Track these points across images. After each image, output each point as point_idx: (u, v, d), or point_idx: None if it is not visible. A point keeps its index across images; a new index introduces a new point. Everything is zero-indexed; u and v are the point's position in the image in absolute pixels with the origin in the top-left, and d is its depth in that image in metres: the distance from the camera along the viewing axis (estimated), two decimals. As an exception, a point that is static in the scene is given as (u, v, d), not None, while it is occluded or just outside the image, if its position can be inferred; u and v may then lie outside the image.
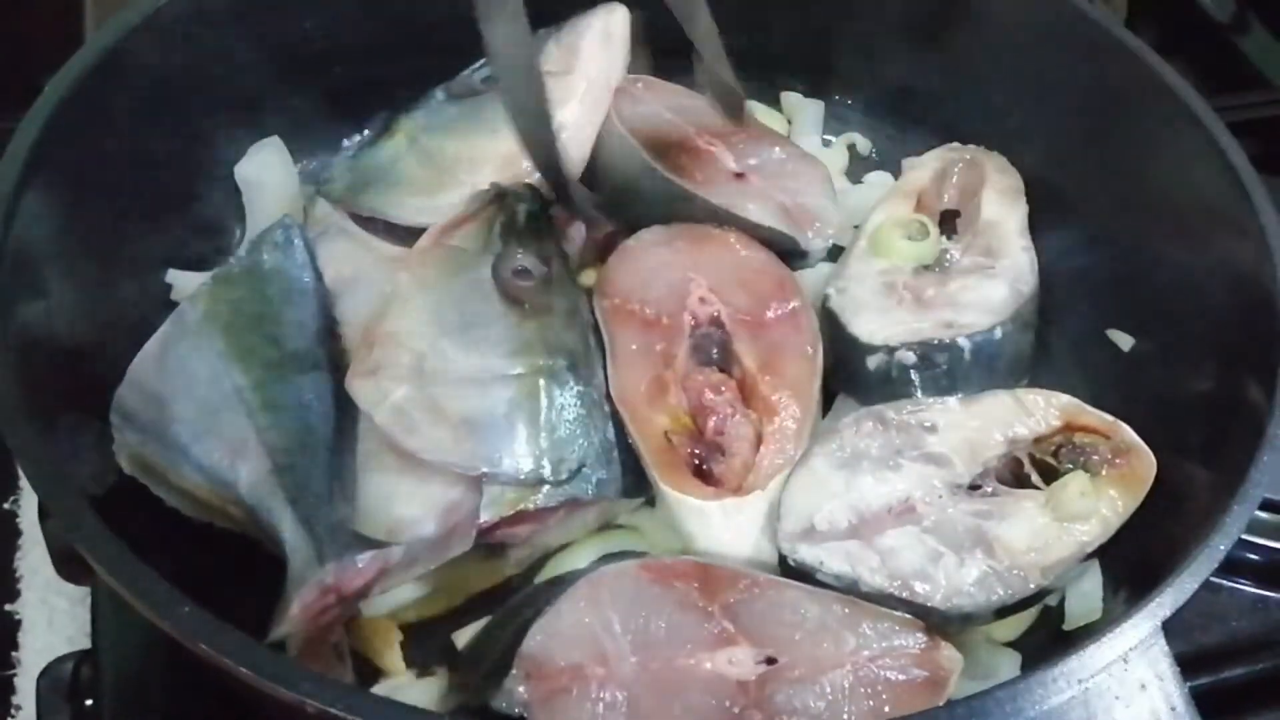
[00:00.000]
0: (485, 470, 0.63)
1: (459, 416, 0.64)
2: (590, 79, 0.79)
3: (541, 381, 0.66)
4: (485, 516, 0.62)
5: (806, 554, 0.61)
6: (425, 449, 0.63)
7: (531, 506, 0.63)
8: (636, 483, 0.68)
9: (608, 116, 0.80)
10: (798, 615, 0.59)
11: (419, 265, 0.70)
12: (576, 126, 0.79)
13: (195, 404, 0.65)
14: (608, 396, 0.68)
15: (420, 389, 0.64)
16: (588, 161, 0.80)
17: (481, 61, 0.83)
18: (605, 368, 0.69)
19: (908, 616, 0.60)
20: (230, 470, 0.62)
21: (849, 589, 0.60)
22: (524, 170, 0.76)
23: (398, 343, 0.66)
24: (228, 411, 0.64)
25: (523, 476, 0.63)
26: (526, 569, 0.69)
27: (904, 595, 0.60)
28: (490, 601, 0.67)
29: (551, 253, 0.72)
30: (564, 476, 0.64)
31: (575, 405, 0.66)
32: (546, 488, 0.64)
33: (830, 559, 0.61)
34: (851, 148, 0.95)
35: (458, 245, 0.71)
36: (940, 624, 0.60)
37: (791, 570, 0.63)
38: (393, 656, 0.64)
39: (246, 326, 0.68)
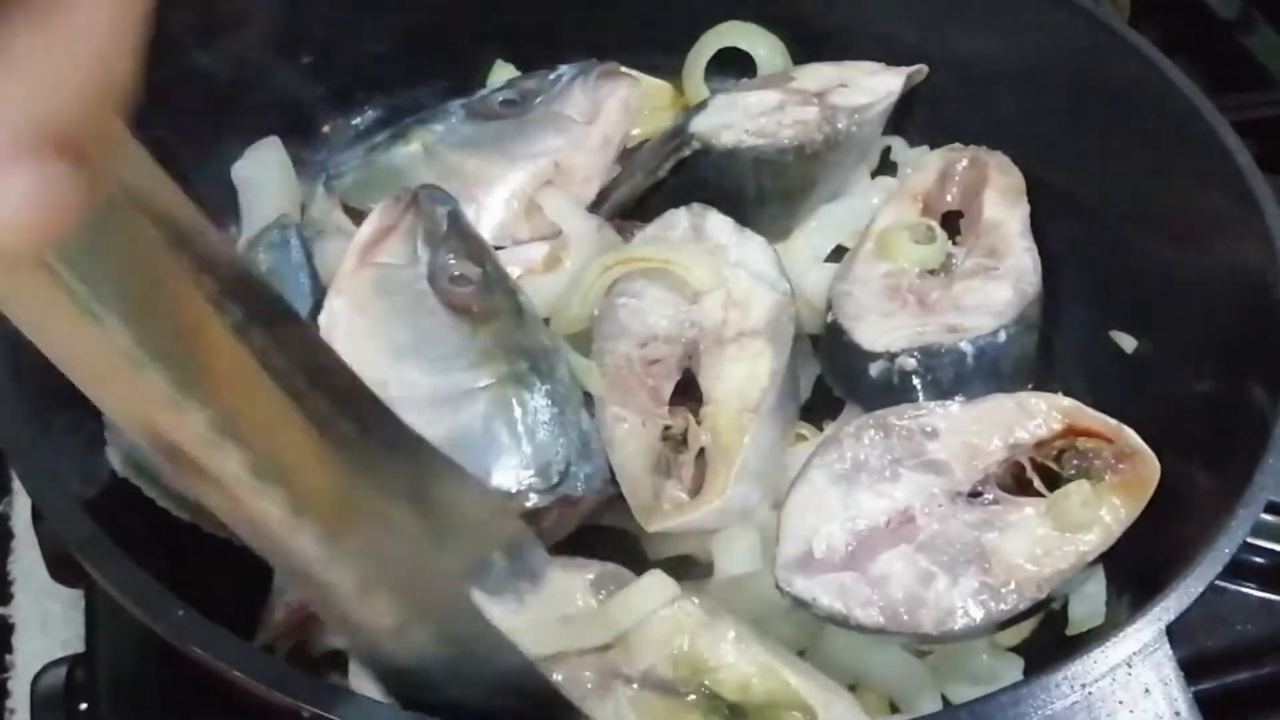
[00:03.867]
0: None
1: (437, 441, 0.62)
2: (605, 137, 0.83)
3: (510, 388, 0.65)
4: None
5: (801, 588, 0.60)
6: None
7: (523, 509, 0.62)
8: (645, 539, 0.67)
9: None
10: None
11: (351, 290, 0.67)
12: (583, 177, 0.82)
13: None
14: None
15: None
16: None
17: (503, 83, 0.86)
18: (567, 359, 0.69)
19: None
20: None
21: (840, 624, 0.60)
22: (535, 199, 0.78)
23: None
24: None
25: (517, 491, 0.62)
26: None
27: (894, 629, 0.59)
28: (488, 604, 0.66)
29: (483, 251, 0.70)
30: (555, 480, 0.63)
31: (547, 405, 0.65)
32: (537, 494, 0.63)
33: (823, 594, 0.60)
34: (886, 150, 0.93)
35: (385, 262, 0.69)
36: (935, 643, 0.60)
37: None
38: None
39: None
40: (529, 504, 0.62)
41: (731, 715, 0.55)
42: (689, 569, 0.67)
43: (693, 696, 0.55)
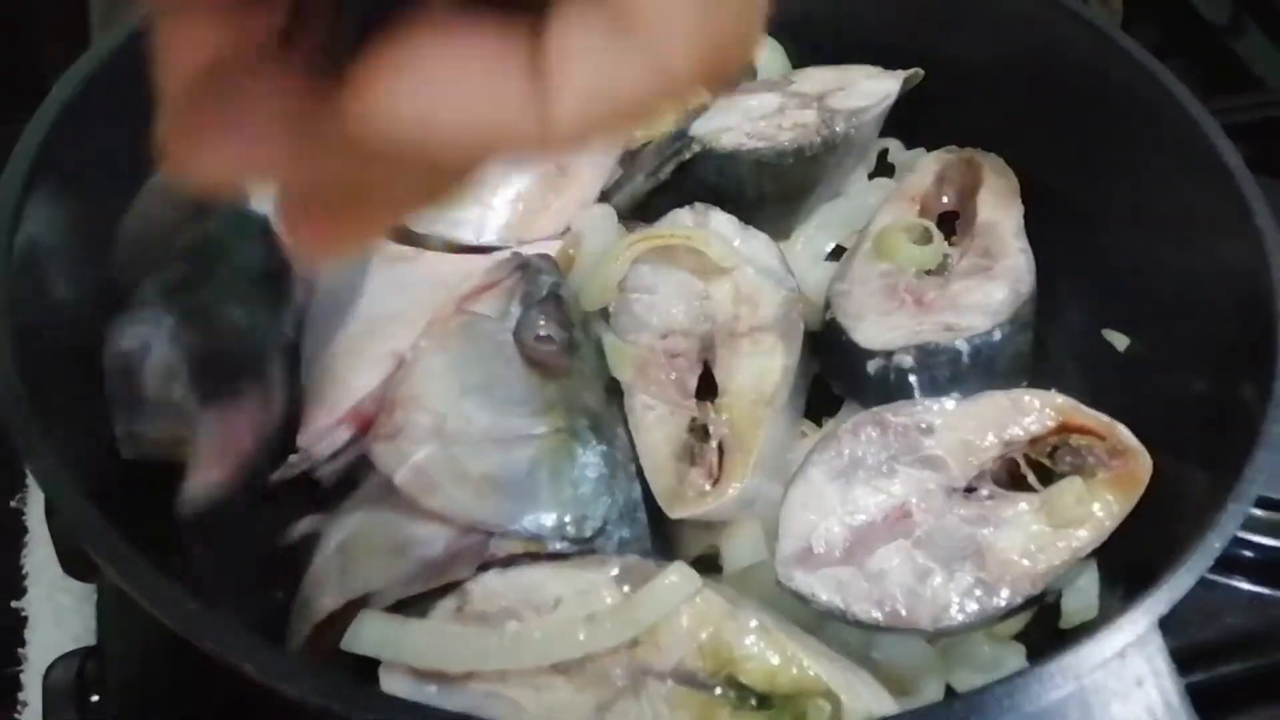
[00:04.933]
0: (508, 527, 0.62)
1: (480, 475, 0.63)
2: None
3: (564, 441, 0.65)
4: (495, 549, 0.62)
5: (800, 582, 0.61)
6: (446, 507, 0.62)
7: (545, 550, 0.62)
8: (665, 546, 0.67)
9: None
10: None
11: (440, 332, 0.70)
12: (588, 177, 0.82)
13: None
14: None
15: (442, 449, 0.64)
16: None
17: None
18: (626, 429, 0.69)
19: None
20: None
21: (839, 619, 0.61)
22: (537, 200, 0.80)
23: (418, 405, 0.66)
24: None
25: (545, 534, 0.62)
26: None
27: (890, 625, 0.60)
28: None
29: (574, 319, 0.72)
30: (587, 535, 0.63)
31: (598, 464, 0.65)
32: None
33: (822, 589, 0.60)
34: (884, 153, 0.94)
35: (478, 312, 0.71)
36: (932, 639, 0.61)
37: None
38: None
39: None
40: (551, 545, 0.62)
41: (759, 706, 0.56)
42: (700, 568, 0.67)
43: (720, 690, 0.56)
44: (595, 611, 0.57)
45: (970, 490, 0.64)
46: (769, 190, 0.82)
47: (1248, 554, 0.73)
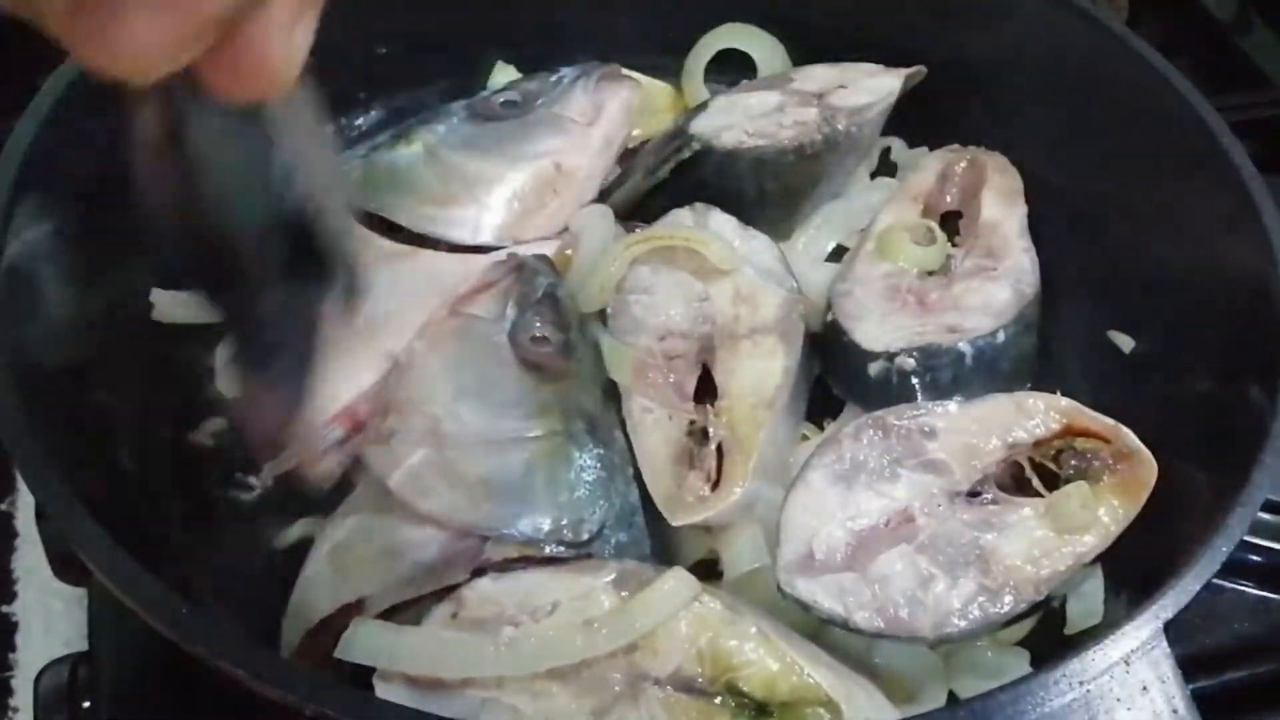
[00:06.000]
0: (503, 531, 0.62)
1: (475, 478, 0.63)
2: (606, 138, 0.84)
3: (560, 444, 0.65)
4: (491, 553, 0.61)
5: (802, 590, 0.60)
6: (441, 512, 0.62)
7: (540, 554, 0.62)
8: (664, 549, 0.66)
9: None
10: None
11: (434, 335, 0.69)
12: (584, 177, 0.82)
13: None
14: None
15: (436, 452, 0.64)
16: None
17: (505, 84, 0.86)
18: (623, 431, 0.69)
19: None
20: None
21: (840, 626, 0.60)
22: (534, 200, 0.79)
23: (413, 408, 0.66)
24: None
25: (541, 537, 0.62)
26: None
27: (892, 632, 0.59)
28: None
29: (571, 321, 0.71)
30: (584, 538, 0.62)
31: (595, 467, 0.65)
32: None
33: (824, 597, 0.59)
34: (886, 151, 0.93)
35: (474, 314, 0.71)
36: (934, 645, 0.60)
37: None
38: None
39: None
40: (545, 548, 0.62)
41: (758, 714, 0.55)
42: (699, 572, 0.67)
43: (719, 698, 0.55)
44: (592, 617, 0.56)
45: (974, 494, 0.63)
46: (769, 189, 0.81)
47: (1254, 559, 0.73)
